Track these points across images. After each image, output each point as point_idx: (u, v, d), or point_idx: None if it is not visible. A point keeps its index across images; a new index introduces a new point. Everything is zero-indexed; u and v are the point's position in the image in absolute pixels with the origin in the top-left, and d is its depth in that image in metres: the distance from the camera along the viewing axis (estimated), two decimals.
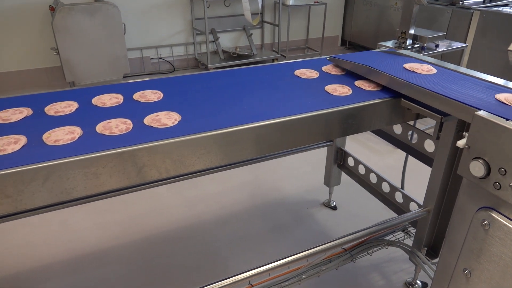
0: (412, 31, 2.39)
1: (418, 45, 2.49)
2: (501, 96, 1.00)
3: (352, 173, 1.87)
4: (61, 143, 0.85)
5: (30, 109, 1.04)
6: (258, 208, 2.05)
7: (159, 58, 4.20)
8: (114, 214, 2.00)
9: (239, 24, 4.43)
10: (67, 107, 1.05)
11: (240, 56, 4.21)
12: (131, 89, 1.18)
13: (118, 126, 0.93)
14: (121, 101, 1.10)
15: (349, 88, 1.19)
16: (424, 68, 1.25)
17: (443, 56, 3.34)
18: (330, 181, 1.99)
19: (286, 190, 2.20)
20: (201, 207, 2.05)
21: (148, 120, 0.96)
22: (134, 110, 1.03)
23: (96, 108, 1.05)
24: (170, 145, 0.87)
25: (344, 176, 1.98)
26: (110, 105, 1.06)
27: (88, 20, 3.15)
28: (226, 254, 1.74)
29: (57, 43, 3.14)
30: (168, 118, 0.97)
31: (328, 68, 1.38)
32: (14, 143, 0.85)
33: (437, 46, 2.54)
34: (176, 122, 0.95)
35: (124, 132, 0.91)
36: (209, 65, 3.99)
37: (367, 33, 4.68)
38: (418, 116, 1.20)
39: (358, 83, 1.23)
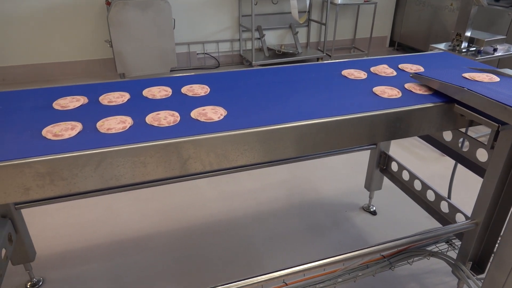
0: (468, 34, 2.27)
1: (474, 49, 2.36)
2: None
3: (395, 179, 1.81)
4: (113, 131, 0.89)
5: (86, 98, 1.10)
6: (295, 207, 2.04)
7: (205, 53, 4.28)
8: (155, 203, 2.06)
9: (285, 22, 4.42)
10: (120, 97, 1.09)
11: (285, 54, 4.19)
12: (180, 83, 1.22)
13: (167, 118, 0.96)
14: (170, 94, 1.13)
15: (399, 90, 1.15)
16: (485, 77, 1.18)
17: (500, 62, 3.14)
18: (371, 185, 1.94)
19: (324, 191, 2.18)
20: (238, 202, 2.08)
21: (195, 113, 0.99)
22: (181, 103, 1.06)
23: (146, 99, 1.09)
24: (216, 139, 0.89)
25: (386, 181, 1.92)
26: (160, 97, 1.10)
27: (140, 14, 3.27)
28: (261, 250, 1.75)
29: (110, 36, 3.29)
30: (214, 113, 0.99)
31: (377, 70, 1.35)
32: (71, 129, 0.90)
33: (495, 50, 2.39)
34: (221, 117, 0.97)
35: (171, 124, 0.93)
36: (253, 62, 4.01)
37: (418, 34, 4.50)
38: (471, 123, 1.14)
39: (408, 85, 1.19)
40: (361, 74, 1.30)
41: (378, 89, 1.16)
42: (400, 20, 4.78)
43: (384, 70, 1.35)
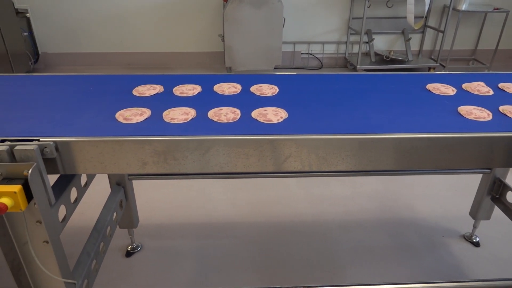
0: None
1: None
2: None
3: (509, 211, 1.60)
4: (175, 121, 0.96)
5: (162, 87, 1.18)
6: (386, 222, 1.94)
7: (310, 53, 4.28)
8: (246, 193, 2.14)
9: (398, 26, 4.19)
10: (191, 89, 1.16)
11: (393, 61, 3.98)
12: (250, 81, 1.24)
13: (227, 114, 0.99)
14: (238, 91, 1.16)
15: (489, 112, 1.02)
16: None
17: None
18: (477, 213, 1.74)
19: (421, 211, 2.02)
20: (326, 207, 2.05)
21: (255, 113, 1.00)
22: (247, 101, 1.08)
23: (216, 94, 1.13)
24: (319, 141, 0.88)
25: (496, 212, 1.71)
26: (228, 94, 1.14)
27: (254, 12, 3.40)
28: (344, 259, 1.70)
29: (224, 31, 3.48)
30: (275, 115, 1.00)
31: (470, 87, 1.21)
32: (139, 115, 0.98)
33: None
34: (281, 120, 0.97)
35: (230, 121, 0.96)
36: (358, 66, 3.89)
37: None
38: None
39: (504, 108, 1.04)
40: (448, 90, 1.18)
41: (464, 109, 1.04)
42: None
43: (478, 88, 1.20)
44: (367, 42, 4.10)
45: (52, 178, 0.92)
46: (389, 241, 1.81)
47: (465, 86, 1.23)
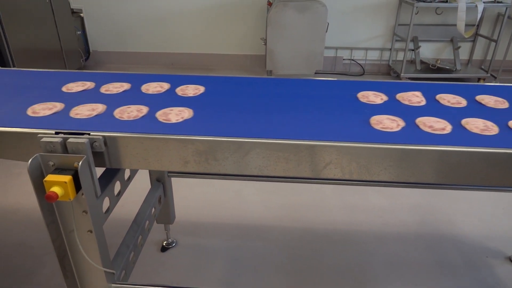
0: None
1: None
2: None
3: None
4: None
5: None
6: (425, 237, 1.86)
7: (352, 59, 4.21)
8: (280, 197, 2.14)
9: (447, 34, 4.03)
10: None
11: (439, 70, 3.84)
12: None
13: (132, 112, 1.01)
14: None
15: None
16: None
17: None
18: None
19: (462, 228, 1.93)
20: (362, 217, 2.00)
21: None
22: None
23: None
24: (362, 149, 0.87)
25: None
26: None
27: (298, 16, 3.39)
28: (379, 273, 1.65)
29: (266, 34, 3.50)
30: (177, 115, 1.00)
31: (483, 99, 1.14)
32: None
33: None
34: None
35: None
36: (402, 74, 3.78)
37: None
38: None
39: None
40: (377, 99, 1.13)
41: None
42: None
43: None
44: (412, 50, 3.98)
45: (98, 171, 0.96)
46: (427, 257, 1.74)
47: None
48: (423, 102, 1.12)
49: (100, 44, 4.36)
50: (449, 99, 1.14)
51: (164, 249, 1.76)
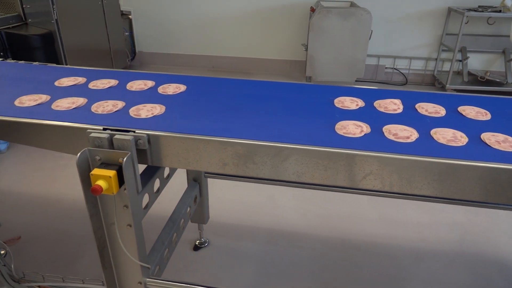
0: None
1: None
2: None
3: None
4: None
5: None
6: (465, 257, 1.77)
7: (394, 68, 4.10)
8: (315, 205, 2.11)
9: (498, 45, 3.83)
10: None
11: (488, 82, 3.65)
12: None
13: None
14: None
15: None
16: None
17: None
18: None
19: (508, 250, 1.82)
20: (398, 230, 1.93)
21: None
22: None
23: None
24: (405, 161, 0.84)
25: None
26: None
27: (340, 23, 3.36)
28: None
29: (308, 40, 3.49)
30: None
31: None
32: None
33: None
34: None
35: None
36: (447, 86, 3.64)
37: None
38: None
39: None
40: (353, 105, 1.10)
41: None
42: None
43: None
44: (460, 60, 3.82)
45: (140, 168, 0.99)
46: (467, 279, 1.65)
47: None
48: (400, 110, 1.10)
49: (146, 45, 4.52)
50: (427, 108, 1.11)
51: (196, 248, 1.79)
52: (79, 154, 0.90)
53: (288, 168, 0.91)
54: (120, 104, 1.09)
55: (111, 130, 0.94)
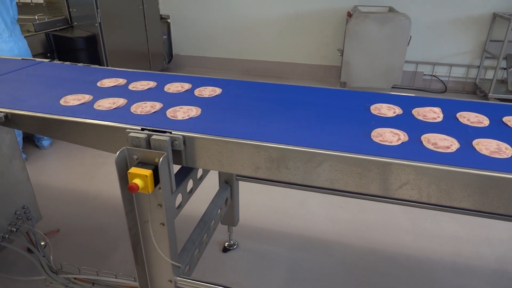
0: None
1: None
2: None
3: None
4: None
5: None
6: (505, 275, 1.68)
7: (433, 75, 3.97)
8: (346, 212, 2.08)
9: None
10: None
11: None
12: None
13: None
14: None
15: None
16: None
17: None
18: None
19: None
20: (433, 243, 1.86)
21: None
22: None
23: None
24: (444, 172, 0.81)
25: None
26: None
27: (378, 28, 3.29)
28: None
29: (344, 45, 3.45)
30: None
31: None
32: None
33: None
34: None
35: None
36: (490, 94, 3.48)
37: None
38: None
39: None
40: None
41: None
42: None
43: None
44: (505, 68, 3.64)
45: (174, 168, 1.01)
46: None
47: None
48: (439, 119, 1.05)
49: (183, 48, 4.63)
50: (469, 117, 1.06)
51: (225, 250, 1.80)
52: (118, 152, 0.93)
53: (321, 174, 0.90)
54: (158, 106, 1.13)
55: (149, 130, 0.97)
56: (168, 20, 4.44)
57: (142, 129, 0.97)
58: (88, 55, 3.01)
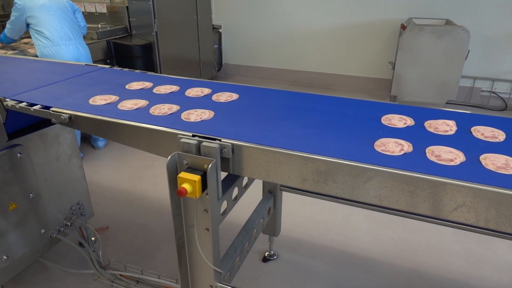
0: None
1: None
2: None
3: None
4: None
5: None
6: None
7: (492, 92, 3.74)
8: (391, 231, 2.00)
9: None
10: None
11: None
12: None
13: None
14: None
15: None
16: None
17: None
18: None
19: None
20: (486, 270, 1.74)
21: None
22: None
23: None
24: (505, 196, 0.76)
25: None
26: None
27: (434, 41, 3.17)
28: None
29: (396, 58, 3.35)
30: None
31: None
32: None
33: None
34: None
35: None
36: None
37: None
38: None
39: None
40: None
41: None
42: None
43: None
44: None
45: (221, 175, 1.03)
46: None
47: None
48: (451, 132, 1.02)
49: (232, 57, 4.73)
50: (483, 132, 1.00)
51: (265, 259, 1.79)
52: (169, 157, 0.96)
53: (369, 190, 0.88)
54: (175, 108, 1.19)
55: (199, 137, 0.99)
56: (220, 30, 4.56)
57: (193, 136, 1.00)
58: (144, 61, 3.16)
